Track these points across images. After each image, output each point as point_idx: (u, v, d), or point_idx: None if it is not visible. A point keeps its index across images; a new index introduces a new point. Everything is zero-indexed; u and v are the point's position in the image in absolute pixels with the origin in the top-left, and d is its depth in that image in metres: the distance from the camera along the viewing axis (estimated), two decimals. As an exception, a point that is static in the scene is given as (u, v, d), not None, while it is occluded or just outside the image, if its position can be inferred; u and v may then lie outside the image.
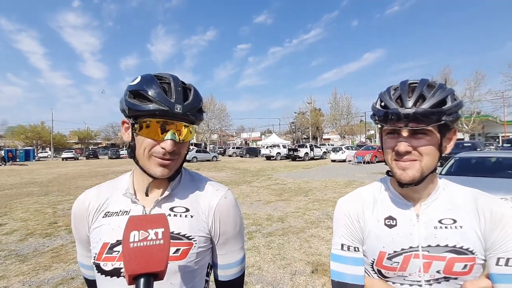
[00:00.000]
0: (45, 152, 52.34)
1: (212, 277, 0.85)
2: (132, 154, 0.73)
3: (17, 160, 36.15)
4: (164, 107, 0.66)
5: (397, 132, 0.72)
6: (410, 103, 0.69)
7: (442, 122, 0.68)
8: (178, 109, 0.68)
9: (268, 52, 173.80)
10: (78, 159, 41.54)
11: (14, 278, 3.41)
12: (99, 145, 72.90)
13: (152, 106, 0.67)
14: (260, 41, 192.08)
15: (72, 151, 42.91)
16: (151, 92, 0.67)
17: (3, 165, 29.16)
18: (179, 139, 0.71)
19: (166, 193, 0.77)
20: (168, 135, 0.69)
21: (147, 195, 0.76)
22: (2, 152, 33.35)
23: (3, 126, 62.21)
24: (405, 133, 0.70)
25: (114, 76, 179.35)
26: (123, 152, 47.04)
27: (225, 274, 0.82)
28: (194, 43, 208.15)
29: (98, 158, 43.61)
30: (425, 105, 0.68)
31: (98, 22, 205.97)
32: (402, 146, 0.69)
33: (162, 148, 0.69)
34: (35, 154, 44.41)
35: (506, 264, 0.66)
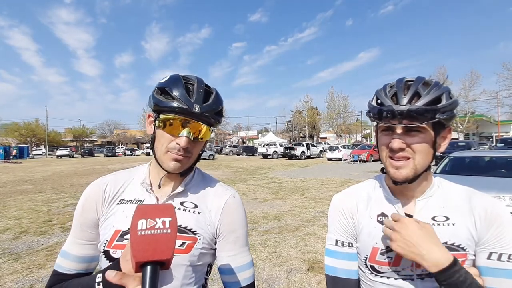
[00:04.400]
0: (39, 149, 51.79)
1: (210, 276, 0.86)
2: (151, 145, 0.79)
3: (11, 157, 35.73)
4: (184, 105, 0.71)
5: (391, 129, 0.72)
6: (404, 100, 0.69)
7: (436, 120, 0.68)
8: (196, 109, 0.72)
9: (264, 51, 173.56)
10: (73, 157, 41.19)
11: (7, 277, 3.38)
12: (95, 143, 72.30)
13: (173, 103, 0.72)
14: (255, 40, 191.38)
15: (67, 149, 42.46)
16: (174, 91, 0.73)
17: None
18: (194, 137, 0.75)
19: (180, 188, 0.81)
20: (184, 132, 0.73)
21: (159, 187, 0.80)
22: None
23: (-4, 123, 61.45)
24: (399, 130, 0.70)
25: (108, 74, 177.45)
26: (119, 150, 46.86)
27: (240, 278, 0.80)
28: (188, 41, 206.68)
29: (94, 156, 43.21)
30: (419, 103, 0.68)
31: (92, 19, 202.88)
32: (396, 143, 0.69)
33: (177, 143, 0.73)
34: (29, 151, 43.91)
35: (499, 259, 0.67)
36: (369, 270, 0.78)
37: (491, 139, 35.32)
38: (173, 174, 0.78)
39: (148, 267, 0.48)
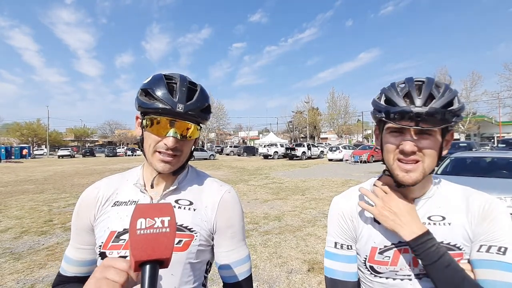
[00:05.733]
0: (40, 149, 51.88)
1: (210, 275, 0.86)
2: (141, 148, 0.80)
3: (12, 157, 35.87)
4: (167, 105, 0.71)
5: (402, 130, 0.70)
6: (419, 101, 0.67)
7: (452, 123, 0.67)
8: (180, 108, 0.72)
9: (264, 51, 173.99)
10: (74, 157, 41.26)
11: (8, 276, 3.38)
12: (96, 143, 72.44)
13: (156, 104, 0.72)
14: (255, 40, 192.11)
15: (68, 149, 42.46)
16: (157, 91, 0.72)
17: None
18: (181, 136, 0.75)
19: (173, 187, 0.81)
20: (170, 132, 0.73)
21: (152, 187, 0.81)
22: None
23: (-2, 123, 61.64)
24: (413, 133, 0.68)
25: (109, 74, 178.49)
26: (120, 150, 46.95)
27: (238, 272, 0.81)
28: (189, 41, 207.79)
29: (95, 156, 43.30)
30: (436, 105, 0.66)
31: (92, 19, 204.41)
32: (408, 146, 0.67)
33: (165, 144, 0.73)
34: (31, 151, 44.01)
35: (488, 251, 0.66)
36: (368, 270, 0.78)
37: (492, 140, 35.21)
38: (166, 174, 0.78)
39: (147, 266, 0.48)
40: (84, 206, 0.81)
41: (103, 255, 0.74)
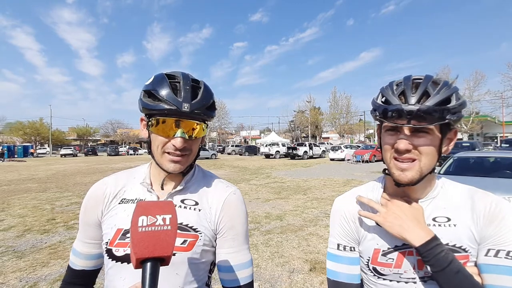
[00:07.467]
0: (43, 148, 52.16)
1: (213, 275, 0.85)
2: (149, 149, 0.79)
3: (15, 156, 36.09)
4: (172, 106, 0.70)
5: (397, 129, 0.69)
6: (413, 99, 0.66)
7: (446, 121, 0.66)
8: (186, 107, 0.71)
9: (265, 51, 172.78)
10: (76, 155, 41.42)
11: (11, 275, 3.40)
12: (98, 142, 72.70)
13: (161, 105, 0.71)
14: (256, 40, 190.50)
15: (70, 148, 42.59)
16: (161, 92, 0.71)
17: (1, 161, 29.12)
18: (189, 136, 0.74)
19: (180, 187, 0.81)
20: (178, 133, 0.72)
21: (162, 188, 0.81)
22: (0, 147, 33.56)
23: (1, 122, 62.23)
24: (406, 131, 0.67)
25: (110, 73, 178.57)
26: (122, 149, 47.17)
27: (238, 276, 0.78)
28: (190, 41, 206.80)
29: (97, 155, 43.43)
30: (429, 102, 0.65)
31: (93, 19, 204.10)
32: (402, 144, 0.67)
33: (173, 145, 0.73)
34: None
35: (496, 255, 0.65)
36: (371, 272, 0.77)
37: (495, 140, 35.04)
38: (173, 174, 0.78)
39: (149, 264, 0.48)
40: (92, 201, 0.81)
41: (109, 252, 0.74)
